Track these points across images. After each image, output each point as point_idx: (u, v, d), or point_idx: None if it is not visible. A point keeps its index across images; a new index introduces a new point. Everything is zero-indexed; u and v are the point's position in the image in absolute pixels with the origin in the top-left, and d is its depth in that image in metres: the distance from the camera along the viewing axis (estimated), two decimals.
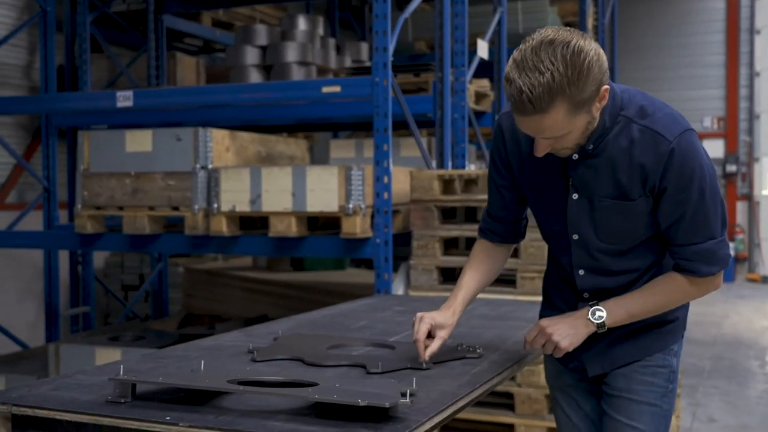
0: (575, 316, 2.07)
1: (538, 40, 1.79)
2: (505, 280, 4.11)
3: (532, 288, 4.08)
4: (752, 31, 13.09)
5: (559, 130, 1.85)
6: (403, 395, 1.64)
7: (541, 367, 4.08)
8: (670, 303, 2.09)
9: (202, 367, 1.93)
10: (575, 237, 2.09)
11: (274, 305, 6.14)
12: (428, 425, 1.63)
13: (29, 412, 1.72)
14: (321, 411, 1.67)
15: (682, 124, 1.95)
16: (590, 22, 9.09)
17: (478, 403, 3.25)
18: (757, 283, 12.86)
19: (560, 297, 2.23)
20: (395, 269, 4.27)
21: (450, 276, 4.44)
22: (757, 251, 13.47)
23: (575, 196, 2.05)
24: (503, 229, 2.27)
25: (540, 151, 1.93)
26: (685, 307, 2.20)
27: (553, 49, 1.77)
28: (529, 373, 4.04)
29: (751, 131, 13.59)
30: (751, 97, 13.50)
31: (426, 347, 2.08)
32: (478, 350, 2.25)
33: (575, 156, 2.00)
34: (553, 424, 4.10)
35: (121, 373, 1.79)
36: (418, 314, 2.11)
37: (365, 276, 6.86)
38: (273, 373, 1.93)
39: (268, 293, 6.47)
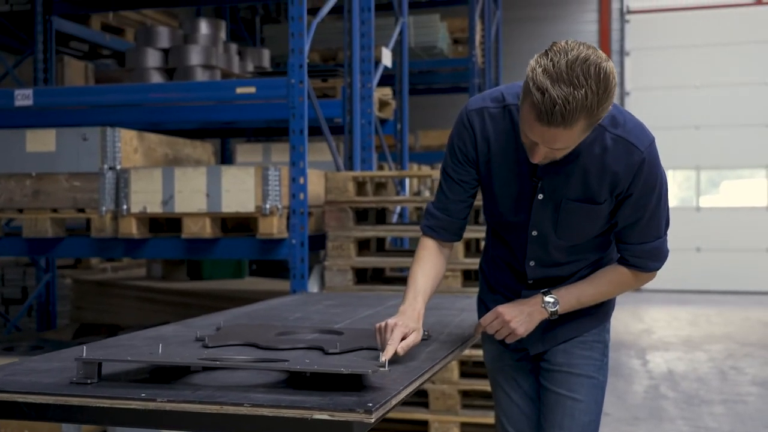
0: (529, 303, 2.15)
1: (573, 55, 1.79)
2: None
3: (446, 286, 4.19)
4: (622, 53, 13.89)
5: (571, 143, 1.89)
6: (380, 366, 1.68)
7: (454, 363, 4.22)
8: (614, 292, 2.24)
9: (160, 350, 1.90)
10: (534, 233, 2.15)
11: (174, 314, 5.99)
12: (405, 393, 1.67)
13: None
14: (295, 384, 1.69)
15: (649, 134, 2.06)
16: (478, 39, 9.42)
17: None
18: (630, 292, 13.54)
19: (501, 282, 2.31)
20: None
21: (363, 277, 4.50)
22: None
23: (540, 197, 2.10)
24: (454, 225, 2.24)
25: (538, 158, 1.94)
26: None
27: (588, 67, 1.78)
28: (442, 370, 4.14)
29: None
30: None
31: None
32: (426, 332, 2.30)
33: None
34: (467, 419, 4.25)
35: (84, 354, 1.74)
36: (388, 322, 1.98)
37: (266, 284, 6.80)
38: (234, 356, 1.92)
39: (166, 302, 6.31)
